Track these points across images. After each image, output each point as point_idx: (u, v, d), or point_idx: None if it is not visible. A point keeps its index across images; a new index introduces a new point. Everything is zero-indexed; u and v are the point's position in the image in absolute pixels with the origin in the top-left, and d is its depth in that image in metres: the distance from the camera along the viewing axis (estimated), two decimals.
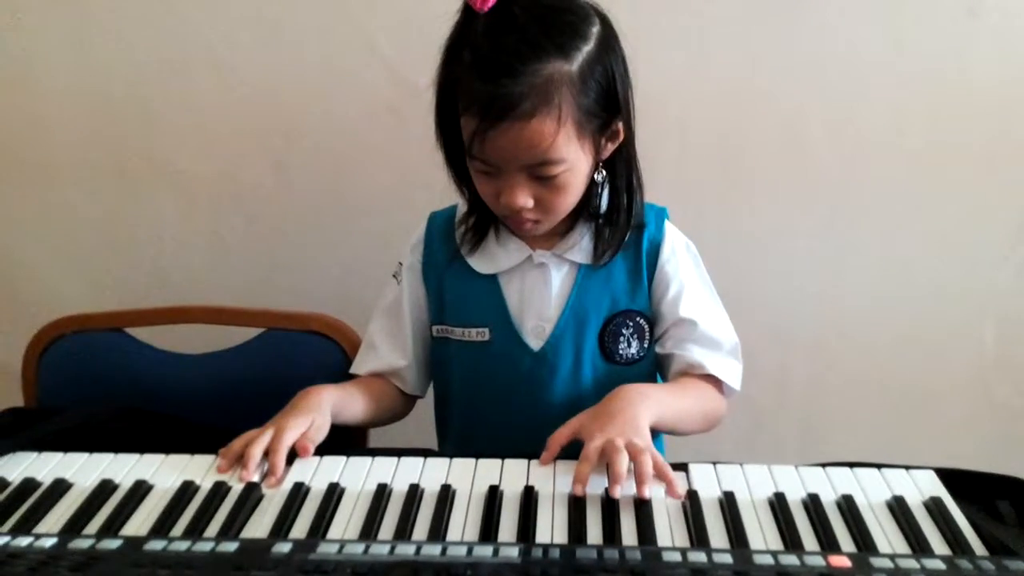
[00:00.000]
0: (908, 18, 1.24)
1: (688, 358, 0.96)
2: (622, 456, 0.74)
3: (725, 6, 1.26)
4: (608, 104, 0.87)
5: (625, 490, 0.73)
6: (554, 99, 0.81)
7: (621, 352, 0.98)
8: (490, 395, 1.00)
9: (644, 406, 0.83)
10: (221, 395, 1.14)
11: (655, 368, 1.02)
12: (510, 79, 0.80)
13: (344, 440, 0.98)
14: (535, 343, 0.97)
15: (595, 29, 0.85)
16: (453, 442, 1.07)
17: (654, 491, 0.73)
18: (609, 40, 0.87)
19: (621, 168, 0.93)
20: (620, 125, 0.89)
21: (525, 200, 0.87)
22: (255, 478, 0.78)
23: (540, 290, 0.97)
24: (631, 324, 0.97)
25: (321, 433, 0.85)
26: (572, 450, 0.79)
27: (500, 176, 0.87)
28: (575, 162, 0.86)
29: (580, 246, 0.96)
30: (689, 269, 0.99)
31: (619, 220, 0.95)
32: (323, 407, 0.88)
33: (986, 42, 1.25)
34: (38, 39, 1.33)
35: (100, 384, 1.14)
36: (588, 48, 0.84)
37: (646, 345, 0.99)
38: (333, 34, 1.30)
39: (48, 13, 1.32)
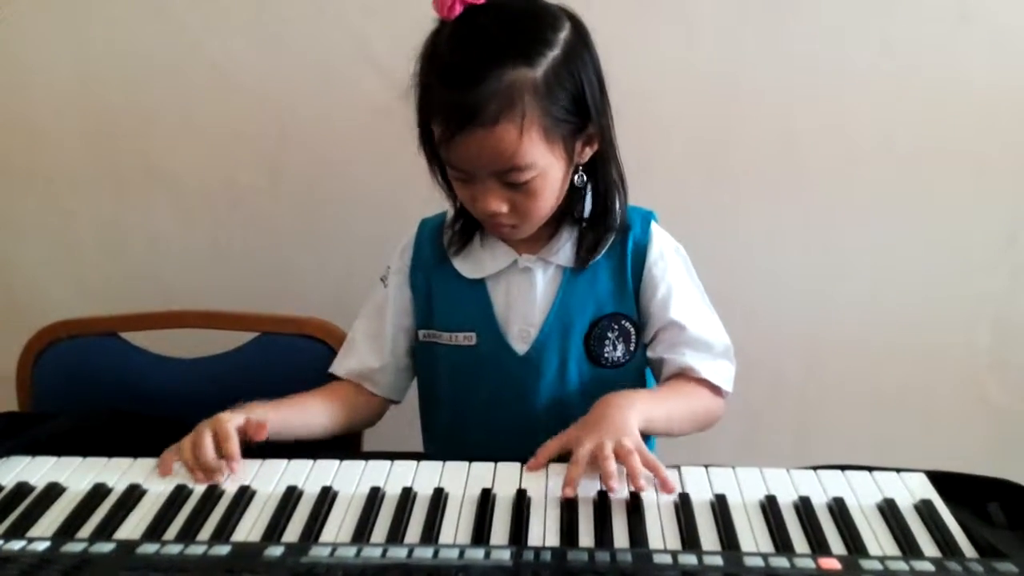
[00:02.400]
0: (899, 22, 1.25)
1: (679, 362, 0.96)
2: (610, 461, 0.75)
3: (714, 7, 1.26)
4: (579, 109, 0.86)
5: (619, 492, 0.73)
6: (517, 106, 0.81)
7: (607, 355, 0.98)
8: (478, 398, 1.00)
9: (631, 410, 0.84)
10: (216, 399, 1.11)
11: (642, 371, 1.02)
12: (472, 86, 0.80)
13: (338, 444, 0.98)
14: (521, 347, 0.97)
15: (562, 35, 0.85)
16: (439, 442, 1.07)
17: (646, 494, 0.74)
18: (578, 46, 0.86)
19: (601, 171, 0.93)
20: (594, 130, 0.89)
21: (498, 206, 0.87)
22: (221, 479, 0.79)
23: (525, 294, 0.97)
24: (616, 327, 0.97)
25: (264, 419, 0.85)
26: (563, 457, 0.79)
27: (473, 182, 0.87)
28: (546, 168, 0.86)
29: (564, 250, 0.97)
30: (678, 272, 0.99)
31: (601, 223, 0.95)
32: (247, 408, 0.87)
33: (978, 46, 1.25)
34: (34, 44, 1.33)
35: (95, 388, 1.14)
36: (554, 54, 0.83)
37: (632, 348, 0.99)
38: (327, 39, 1.30)
39: (44, 18, 1.32)
